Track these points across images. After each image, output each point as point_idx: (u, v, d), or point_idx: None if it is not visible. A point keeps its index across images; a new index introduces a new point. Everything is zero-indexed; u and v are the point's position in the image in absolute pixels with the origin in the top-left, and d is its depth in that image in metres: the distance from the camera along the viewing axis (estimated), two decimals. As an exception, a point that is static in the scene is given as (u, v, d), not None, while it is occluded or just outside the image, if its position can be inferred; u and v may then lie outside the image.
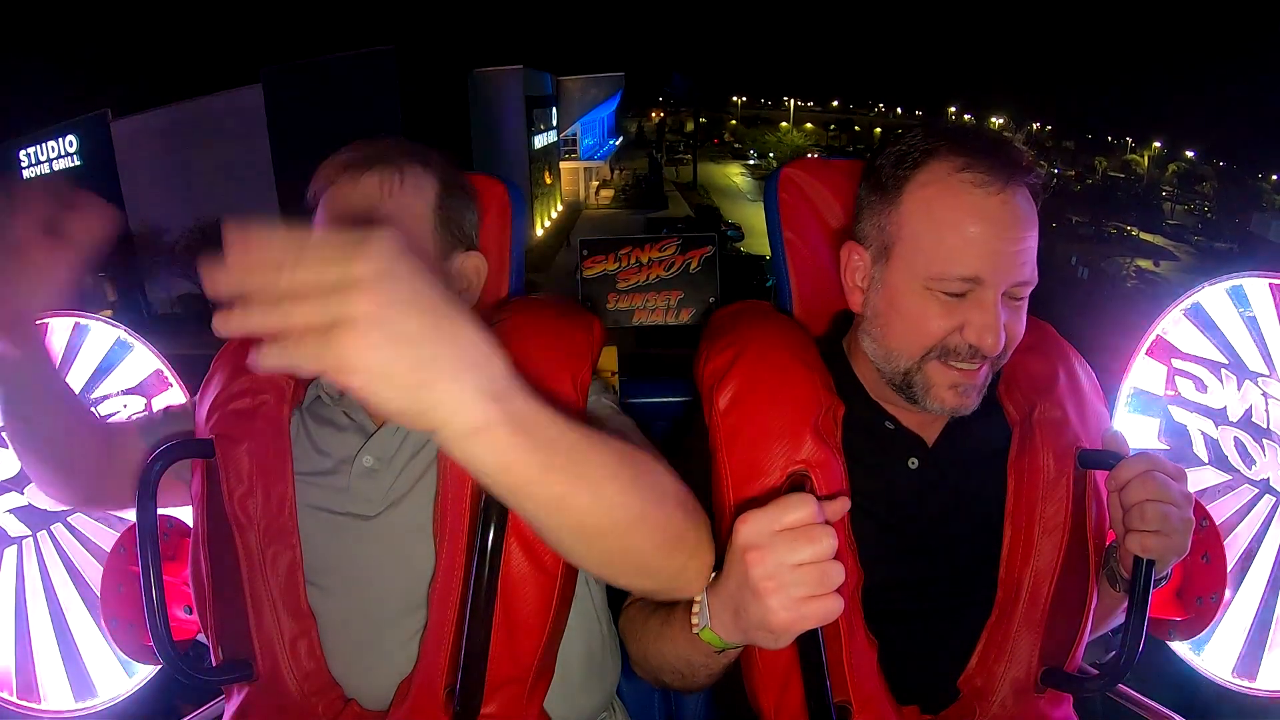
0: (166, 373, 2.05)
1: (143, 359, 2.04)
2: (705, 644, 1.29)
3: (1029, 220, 1.39)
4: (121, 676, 1.95)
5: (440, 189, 1.59)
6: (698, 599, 1.29)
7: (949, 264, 1.38)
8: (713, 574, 1.28)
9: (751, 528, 1.13)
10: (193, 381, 2.02)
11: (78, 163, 33.18)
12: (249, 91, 32.72)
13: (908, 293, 1.43)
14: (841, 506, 1.26)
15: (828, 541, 1.12)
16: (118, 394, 2.01)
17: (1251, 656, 1.80)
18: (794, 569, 1.11)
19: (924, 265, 1.40)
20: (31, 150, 33.06)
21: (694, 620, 1.29)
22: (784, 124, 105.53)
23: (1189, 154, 77.77)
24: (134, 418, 1.74)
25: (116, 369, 2.01)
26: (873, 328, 1.51)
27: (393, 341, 0.81)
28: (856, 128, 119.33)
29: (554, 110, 49.45)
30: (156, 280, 32.68)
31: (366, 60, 32.43)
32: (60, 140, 33.20)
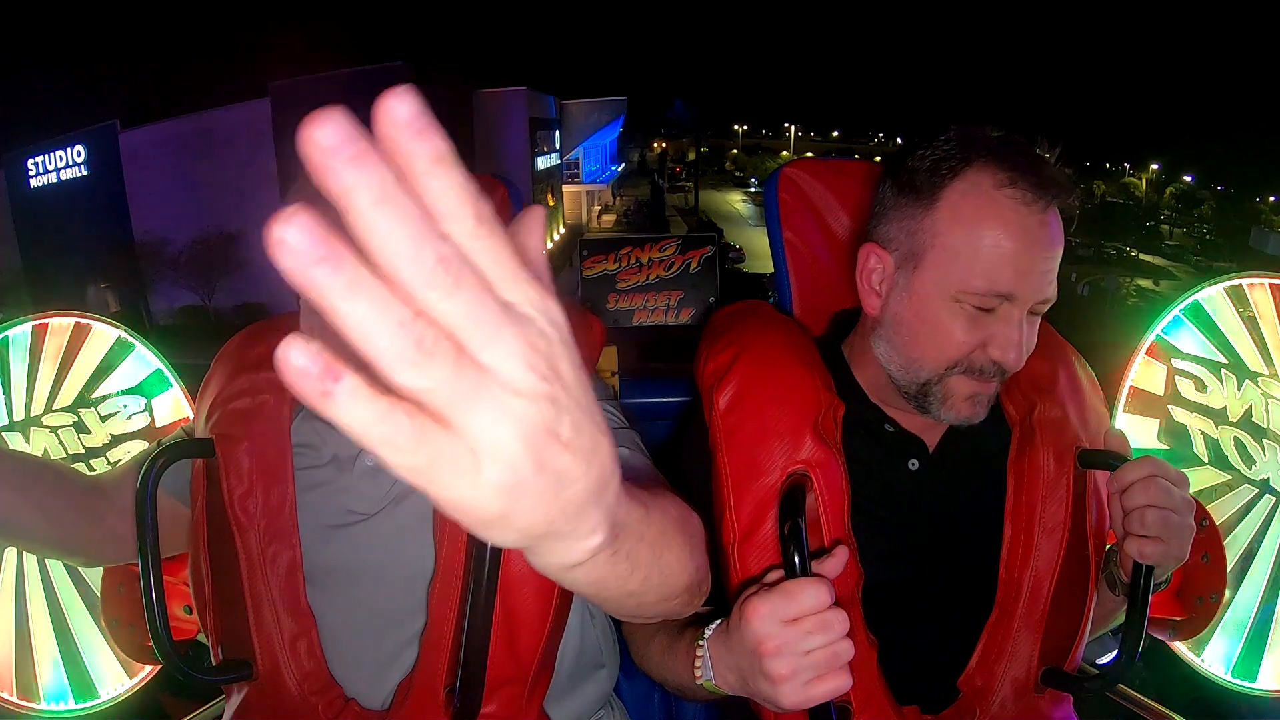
0: (167, 373, 2.05)
1: (143, 359, 2.05)
2: (708, 690, 1.34)
3: (1061, 239, 1.38)
4: (121, 676, 1.95)
5: None
6: (700, 650, 1.33)
7: (984, 279, 1.35)
8: (714, 625, 1.33)
9: (764, 623, 1.18)
10: (192, 390, 2.03)
11: (85, 172, 33.21)
12: (257, 105, 32.77)
13: (935, 303, 1.41)
14: (840, 560, 1.32)
15: (838, 626, 1.17)
16: (117, 394, 2.01)
17: (1251, 656, 1.80)
18: (805, 655, 1.16)
19: (958, 278, 1.38)
20: (40, 159, 33.08)
21: (697, 671, 1.33)
22: (785, 153, 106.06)
23: (1186, 178, 78.08)
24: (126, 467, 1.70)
25: (117, 369, 2.02)
26: (892, 335, 1.49)
27: (522, 492, 0.54)
28: (856, 156, 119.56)
29: (557, 133, 49.59)
30: (158, 291, 32.68)
31: (374, 77, 32.44)
32: (68, 150, 33.21)
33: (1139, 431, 1.94)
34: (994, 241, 1.35)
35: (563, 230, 52.20)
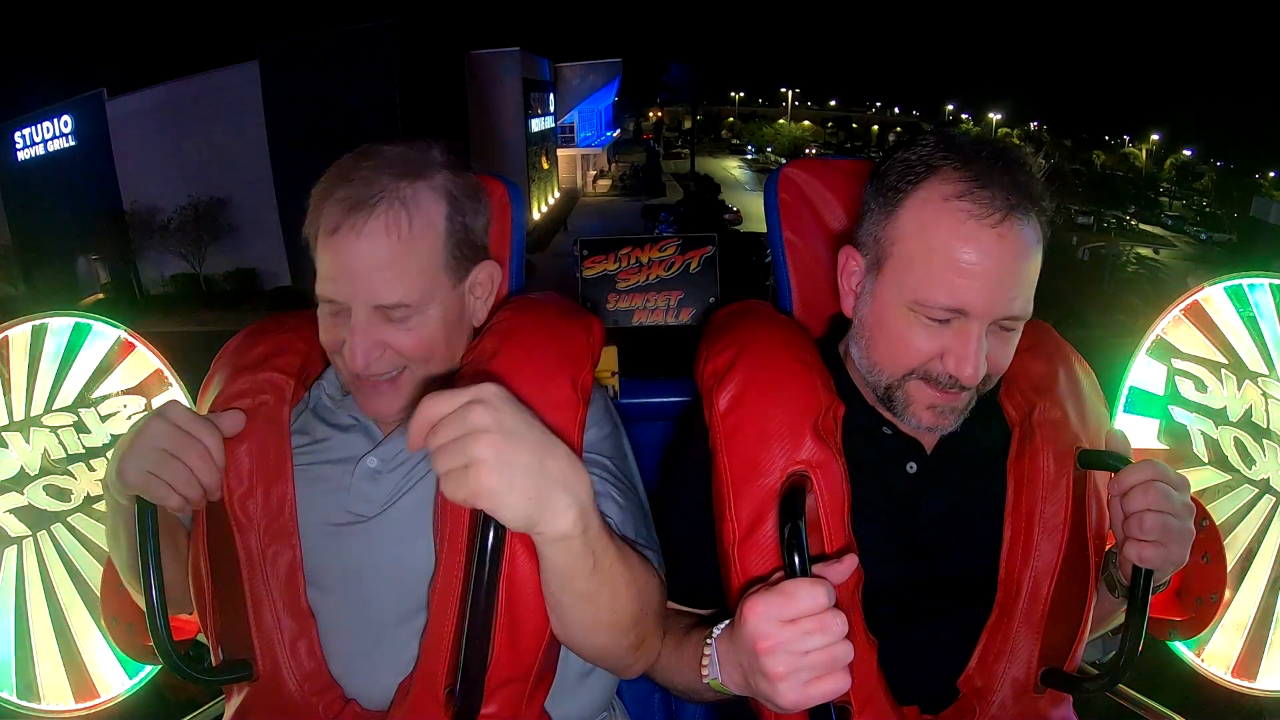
0: (167, 373, 2.03)
1: (143, 359, 2.03)
2: (714, 689, 1.35)
3: (1026, 252, 1.36)
4: (121, 676, 1.95)
5: (448, 209, 1.51)
6: (707, 648, 1.34)
7: (934, 292, 1.35)
8: (722, 625, 1.33)
9: (761, 620, 1.19)
10: (184, 358, 2.01)
11: (73, 143, 32.93)
12: (245, 68, 32.50)
13: (892, 310, 1.42)
14: (848, 568, 1.31)
15: (837, 627, 1.17)
16: (118, 394, 2.00)
17: (1251, 656, 1.80)
18: (803, 655, 1.16)
19: (911, 287, 1.38)
20: (27, 131, 32.80)
21: (704, 669, 1.34)
22: (781, 121, 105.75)
23: (1186, 153, 78.01)
24: None
25: (117, 369, 2.00)
26: (860, 337, 1.51)
27: (511, 471, 1.09)
28: (854, 125, 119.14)
29: (551, 96, 49.40)
30: (148, 260, 32.52)
31: (364, 36, 32.15)
32: (55, 120, 32.93)
33: (1139, 431, 1.94)
34: (946, 254, 1.35)
35: (557, 194, 52.06)
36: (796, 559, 1.27)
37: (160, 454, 1.37)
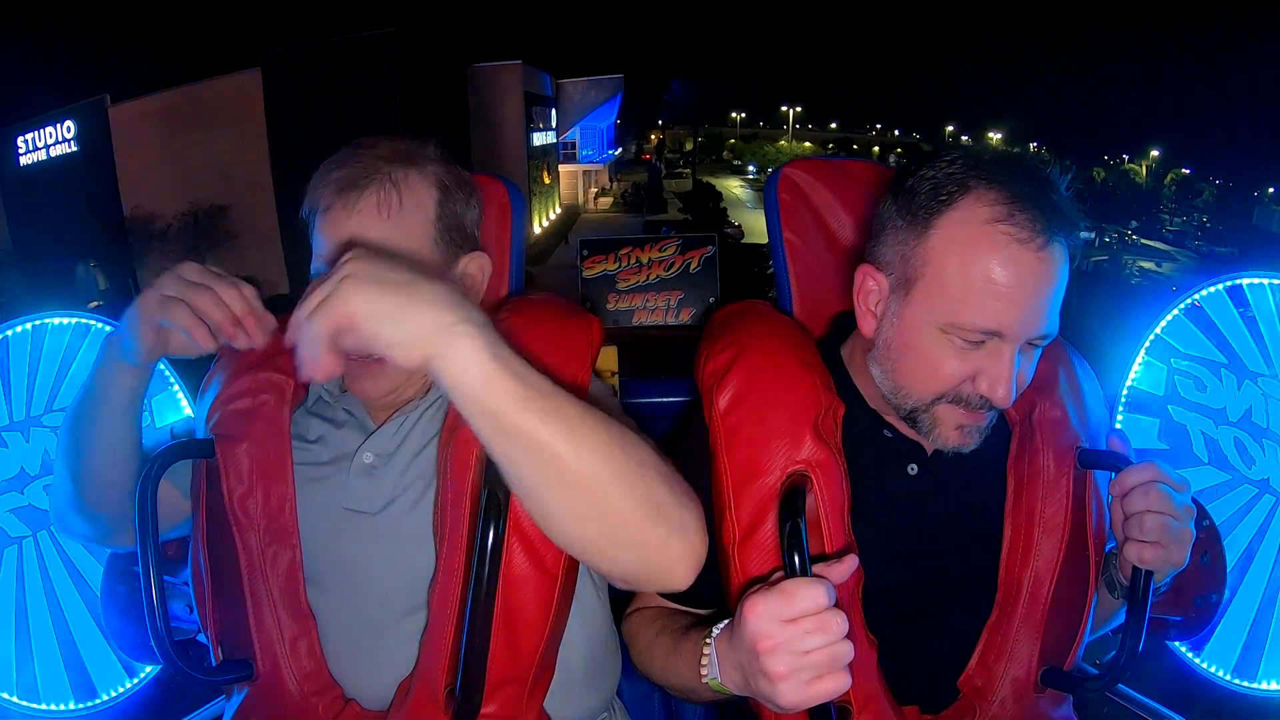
0: (167, 372, 2.04)
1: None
2: (713, 689, 1.34)
3: (1061, 274, 1.34)
4: (121, 676, 1.95)
5: (439, 195, 1.55)
6: (706, 647, 1.33)
7: (972, 315, 1.33)
8: (721, 625, 1.33)
9: (761, 620, 1.17)
10: (182, 364, 2.02)
11: (75, 148, 32.82)
12: (248, 76, 32.48)
13: (923, 332, 1.39)
14: (848, 568, 1.30)
15: (837, 627, 1.16)
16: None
17: (1251, 656, 1.80)
18: (804, 655, 1.15)
19: (945, 310, 1.35)
20: (30, 136, 32.72)
21: (703, 668, 1.33)
22: (783, 142, 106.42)
23: (1184, 170, 78.33)
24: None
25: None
26: (884, 359, 1.47)
27: (377, 283, 1.03)
28: (855, 146, 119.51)
29: (553, 111, 49.46)
30: (148, 266, 32.45)
31: (365, 45, 32.07)
32: (58, 126, 32.79)
33: (1139, 431, 1.94)
34: (985, 277, 1.32)
35: (558, 210, 52.10)
36: (796, 559, 1.27)
37: (183, 283, 1.33)
